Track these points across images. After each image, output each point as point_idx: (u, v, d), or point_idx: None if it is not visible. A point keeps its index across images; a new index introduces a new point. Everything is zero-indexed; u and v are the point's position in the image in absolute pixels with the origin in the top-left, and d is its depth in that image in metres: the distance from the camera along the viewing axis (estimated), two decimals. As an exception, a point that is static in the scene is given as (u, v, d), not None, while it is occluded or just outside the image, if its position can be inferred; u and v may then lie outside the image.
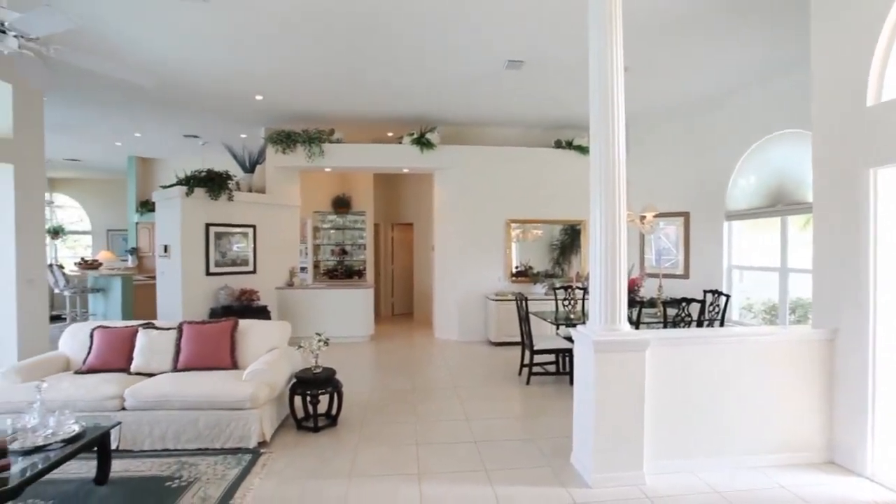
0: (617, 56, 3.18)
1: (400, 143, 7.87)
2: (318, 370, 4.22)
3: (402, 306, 10.93)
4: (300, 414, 4.16)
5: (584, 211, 7.31)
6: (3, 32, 2.70)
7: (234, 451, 3.61)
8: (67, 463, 2.74)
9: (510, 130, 8.34)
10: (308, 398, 4.10)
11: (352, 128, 8.00)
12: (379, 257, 10.58)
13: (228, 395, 3.65)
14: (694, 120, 7.06)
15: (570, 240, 8.28)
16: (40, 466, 2.50)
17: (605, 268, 3.17)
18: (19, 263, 4.85)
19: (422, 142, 7.67)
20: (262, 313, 7.04)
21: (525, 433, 4.07)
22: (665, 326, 4.94)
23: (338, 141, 7.77)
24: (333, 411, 4.23)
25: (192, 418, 3.65)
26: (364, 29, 4.62)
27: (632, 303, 5.00)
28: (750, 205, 6.17)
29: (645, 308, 5.19)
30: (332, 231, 10.06)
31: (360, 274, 9.92)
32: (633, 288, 5.42)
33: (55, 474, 2.83)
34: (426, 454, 3.63)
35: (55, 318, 8.24)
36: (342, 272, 9.92)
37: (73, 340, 4.36)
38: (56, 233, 11.45)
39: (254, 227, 7.69)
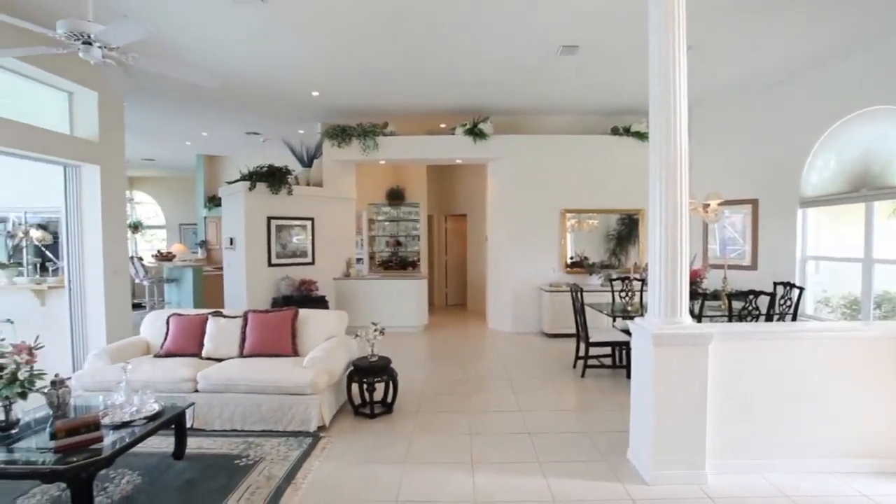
0: (679, 33, 3.00)
1: (453, 134, 7.86)
2: (374, 359, 4.34)
3: (455, 297, 11.00)
4: (357, 400, 4.30)
5: (642, 200, 7.05)
6: (90, 44, 2.95)
7: (296, 433, 3.80)
8: (149, 438, 2.99)
9: (565, 118, 8.13)
10: (364, 385, 4.23)
11: (405, 120, 8.09)
12: (433, 248, 10.69)
13: (290, 380, 3.84)
14: (763, 100, 6.57)
15: (627, 230, 7.99)
16: (127, 440, 2.73)
17: (666, 258, 3.05)
18: (106, 256, 5.31)
19: (475, 132, 7.64)
20: (321, 303, 7.30)
21: (580, 426, 4.00)
22: (730, 320, 4.68)
23: (391, 134, 7.88)
24: (389, 399, 4.35)
25: (257, 401, 3.87)
26: (420, 23, 4.64)
27: (694, 295, 4.78)
28: (829, 190, 5.69)
29: (708, 301, 4.94)
30: (386, 223, 10.26)
31: (414, 265, 10.07)
32: (695, 279, 5.17)
33: (139, 448, 3.09)
34: (479, 444, 3.66)
35: (136, 306, 8.95)
36: (397, 263, 10.11)
37: (152, 327, 4.73)
38: (136, 227, 12.39)
39: (312, 219, 7.97)
